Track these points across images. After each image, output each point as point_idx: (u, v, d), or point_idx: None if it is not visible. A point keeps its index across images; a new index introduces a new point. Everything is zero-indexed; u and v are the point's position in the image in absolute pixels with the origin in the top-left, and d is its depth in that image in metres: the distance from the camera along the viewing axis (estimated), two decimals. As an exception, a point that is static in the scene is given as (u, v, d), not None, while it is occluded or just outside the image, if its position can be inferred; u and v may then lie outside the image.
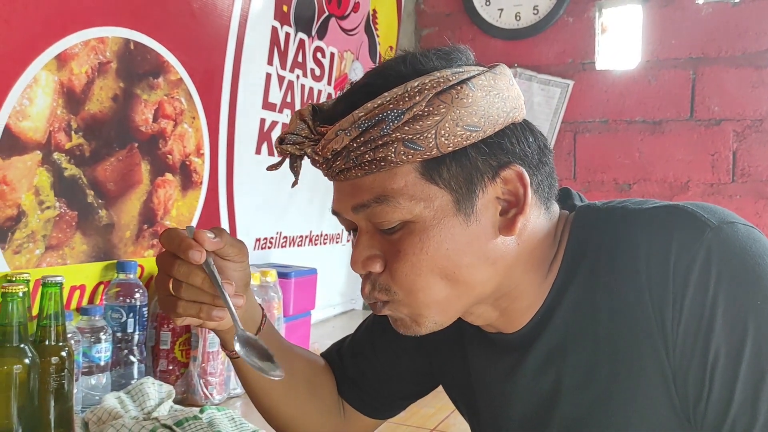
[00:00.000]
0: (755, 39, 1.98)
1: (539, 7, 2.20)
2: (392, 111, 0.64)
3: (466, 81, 0.66)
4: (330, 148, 0.66)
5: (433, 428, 1.22)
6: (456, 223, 0.67)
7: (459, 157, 0.66)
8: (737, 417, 0.62)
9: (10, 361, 0.95)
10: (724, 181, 2.03)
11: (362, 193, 0.67)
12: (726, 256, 0.63)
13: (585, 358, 0.70)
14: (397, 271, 0.68)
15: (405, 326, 0.73)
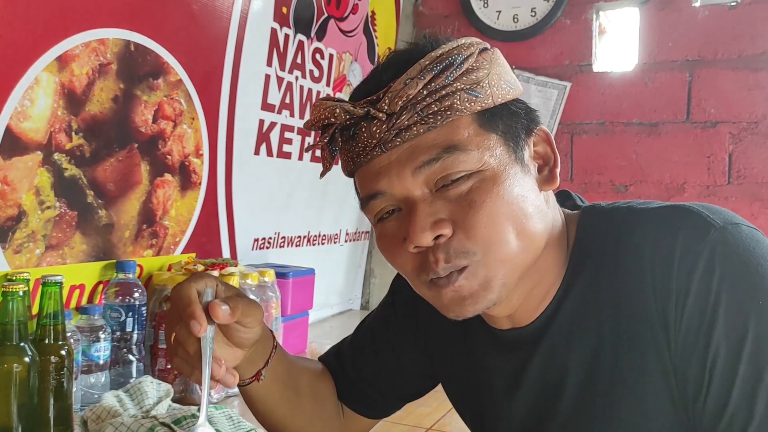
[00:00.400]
0: (751, 42, 1.98)
1: (537, 10, 2.20)
2: (457, 56, 0.67)
3: (493, 48, 0.73)
4: (402, 95, 0.66)
5: (429, 427, 1.23)
6: (518, 170, 0.69)
7: (507, 109, 0.71)
8: (735, 413, 0.63)
9: (10, 359, 0.95)
10: (720, 183, 2.03)
11: (427, 150, 0.67)
12: (729, 256, 0.64)
13: (589, 353, 0.71)
14: (474, 224, 0.66)
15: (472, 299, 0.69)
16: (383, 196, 0.70)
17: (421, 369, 0.95)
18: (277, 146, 1.84)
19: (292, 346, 1.67)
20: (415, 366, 0.94)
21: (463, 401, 0.90)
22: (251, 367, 0.80)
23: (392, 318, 0.96)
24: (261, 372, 0.82)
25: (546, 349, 0.74)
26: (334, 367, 0.98)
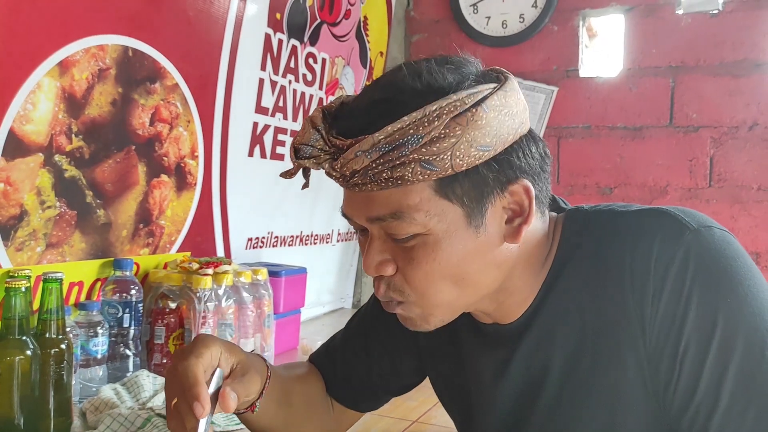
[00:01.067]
0: (732, 49, 2.02)
1: (525, 16, 2.24)
2: (412, 136, 0.65)
3: (480, 103, 0.67)
4: (350, 168, 0.68)
5: (415, 420, 1.26)
6: (467, 235, 0.70)
7: (471, 175, 0.68)
8: (701, 403, 0.67)
9: (12, 352, 0.98)
10: (702, 185, 2.07)
11: (377, 207, 0.70)
12: (702, 257, 0.68)
13: (570, 346, 0.75)
14: (410, 277, 0.72)
15: (413, 324, 0.76)
16: (352, 221, 0.75)
17: (409, 364, 0.97)
18: (270, 148, 1.86)
19: (283, 342, 1.69)
20: (404, 361, 0.97)
21: (451, 396, 0.92)
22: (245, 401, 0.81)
23: (382, 314, 0.96)
24: (255, 404, 0.83)
25: (529, 344, 0.78)
26: (325, 364, 1.01)
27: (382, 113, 0.67)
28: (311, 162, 0.71)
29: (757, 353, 0.66)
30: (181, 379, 0.70)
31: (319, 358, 1.03)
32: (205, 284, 1.36)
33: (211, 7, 1.56)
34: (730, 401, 0.66)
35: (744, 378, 0.66)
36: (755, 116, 2.01)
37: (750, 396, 0.66)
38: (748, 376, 0.66)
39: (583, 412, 0.75)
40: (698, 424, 0.68)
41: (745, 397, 0.66)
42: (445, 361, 0.91)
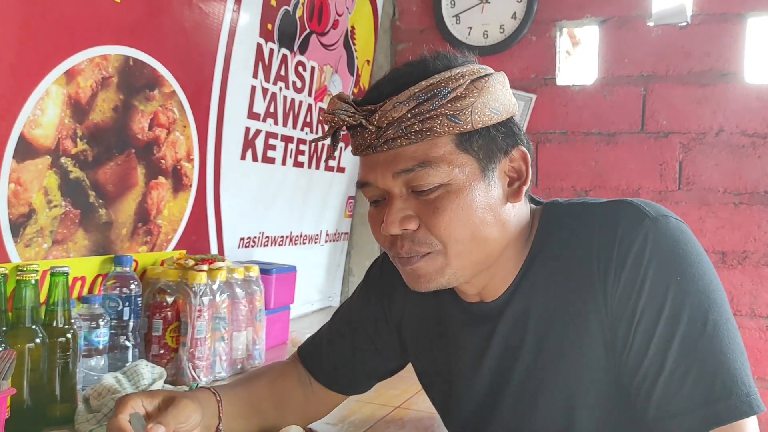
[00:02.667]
0: (700, 59, 2.08)
1: (505, 27, 2.28)
2: (443, 88, 0.76)
3: (490, 75, 0.80)
4: (388, 117, 0.76)
5: (397, 406, 1.31)
6: (482, 186, 0.80)
7: (485, 133, 0.79)
8: (650, 365, 0.76)
9: (23, 340, 1.02)
10: (671, 188, 2.13)
11: (406, 160, 0.78)
12: (658, 241, 0.78)
13: (543, 321, 0.84)
14: (436, 226, 0.79)
15: (427, 279, 0.81)
16: (371, 187, 0.83)
17: (392, 349, 1.04)
18: (261, 152, 1.88)
19: (274, 336, 1.73)
20: (386, 346, 1.04)
21: (433, 376, 0.99)
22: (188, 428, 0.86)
23: (366, 302, 1.05)
24: (219, 428, 0.90)
25: (508, 319, 0.86)
26: (311, 353, 1.07)
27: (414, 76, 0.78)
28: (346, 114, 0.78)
29: (699, 326, 0.74)
30: None
31: (306, 348, 1.09)
32: (200, 280, 1.38)
33: (206, 19, 1.59)
34: (674, 366, 0.75)
35: (686, 347, 0.74)
36: (721, 123, 2.07)
37: (691, 361, 0.74)
38: (690, 345, 0.74)
39: (554, 379, 0.83)
40: (646, 384, 0.76)
41: (686, 363, 0.74)
42: (427, 343, 0.98)
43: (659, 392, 0.75)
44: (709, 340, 0.74)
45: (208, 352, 1.40)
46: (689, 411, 0.73)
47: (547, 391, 0.84)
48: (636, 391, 0.78)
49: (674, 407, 0.74)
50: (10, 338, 1.01)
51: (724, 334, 0.74)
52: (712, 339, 0.74)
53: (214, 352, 1.43)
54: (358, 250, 2.57)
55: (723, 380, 0.72)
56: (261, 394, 1.01)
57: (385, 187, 0.81)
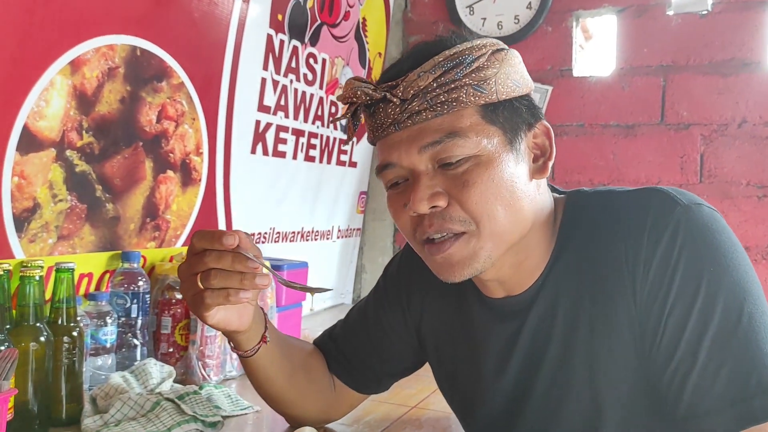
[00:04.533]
0: (721, 48, 2.05)
1: (520, 17, 2.26)
2: (467, 56, 0.75)
3: (508, 49, 0.80)
4: (414, 86, 0.75)
5: (413, 405, 1.28)
6: (511, 157, 0.78)
7: (509, 105, 0.78)
8: (681, 359, 0.73)
9: (27, 339, 1.00)
10: (692, 182, 2.10)
11: (432, 133, 0.76)
12: (690, 230, 0.74)
13: (570, 316, 0.81)
14: (467, 200, 0.76)
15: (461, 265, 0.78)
16: (394, 167, 0.80)
17: (409, 347, 1.01)
18: (272, 146, 1.87)
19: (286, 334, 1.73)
20: (404, 345, 1.01)
21: (454, 377, 0.96)
22: (256, 332, 0.88)
23: (384, 300, 1.03)
24: (265, 335, 0.89)
25: (536, 314, 0.83)
26: (328, 346, 1.05)
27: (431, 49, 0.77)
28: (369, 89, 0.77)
29: (734, 318, 0.71)
30: (200, 242, 0.77)
31: (322, 340, 1.07)
32: None
33: (215, 9, 1.58)
34: (707, 359, 0.71)
35: (720, 339, 0.71)
36: (744, 114, 2.04)
37: (724, 356, 0.71)
38: (724, 338, 0.71)
39: (582, 376, 0.80)
40: (677, 380, 0.73)
41: (720, 356, 0.71)
42: (449, 342, 0.95)
43: (691, 388, 0.72)
44: (744, 334, 0.71)
45: (219, 351, 1.39)
46: (723, 408, 0.70)
47: (574, 389, 0.81)
48: (666, 388, 0.75)
49: (707, 404, 0.71)
50: (13, 336, 0.99)
51: (760, 327, 0.71)
52: (747, 332, 0.71)
53: (225, 350, 1.41)
54: (370, 247, 2.56)
55: (759, 376, 0.70)
56: (295, 350, 1.00)
57: (410, 165, 0.78)
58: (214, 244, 0.77)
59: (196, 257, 0.78)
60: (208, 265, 0.77)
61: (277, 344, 0.94)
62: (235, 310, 0.83)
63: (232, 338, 0.89)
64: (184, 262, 0.80)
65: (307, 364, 1.01)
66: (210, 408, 1.13)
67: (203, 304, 0.78)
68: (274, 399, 0.99)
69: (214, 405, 1.16)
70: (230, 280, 0.77)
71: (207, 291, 0.77)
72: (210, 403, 1.15)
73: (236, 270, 0.77)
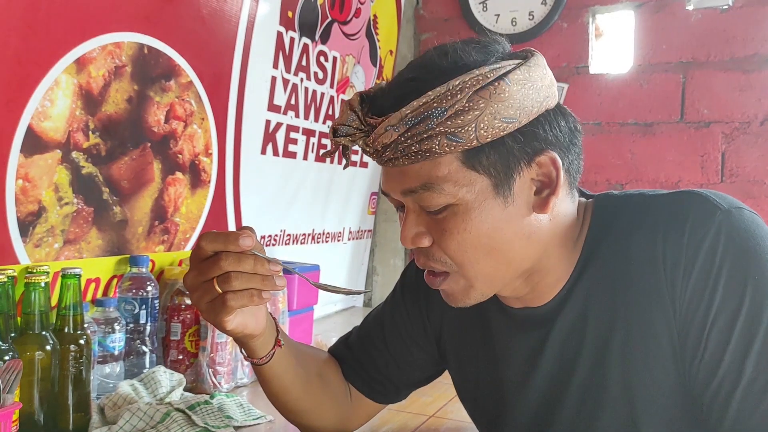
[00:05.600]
0: (742, 44, 2.01)
1: (534, 13, 2.24)
2: (436, 109, 0.69)
3: (502, 77, 0.69)
4: (380, 142, 0.72)
5: (431, 414, 1.27)
6: (495, 204, 0.73)
7: (497, 146, 0.71)
8: (725, 376, 0.69)
9: (32, 347, 0.98)
10: (714, 181, 2.07)
11: (410, 180, 0.73)
12: (732, 236, 0.70)
13: (603, 325, 0.77)
14: (446, 247, 0.74)
15: (456, 299, 0.79)
16: (389, 196, 0.79)
17: (428, 356, 0.98)
18: (282, 146, 1.86)
19: (297, 339, 1.63)
20: (423, 353, 0.98)
21: (477, 388, 0.93)
22: (270, 336, 0.85)
23: (402, 306, 1.00)
24: (279, 338, 0.86)
25: (564, 326, 0.79)
26: (344, 354, 1.02)
27: (410, 91, 0.71)
28: (347, 140, 0.75)
29: None
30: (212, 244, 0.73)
31: (338, 348, 1.04)
32: None
33: (224, 5, 1.56)
34: (753, 375, 0.68)
35: (767, 354, 0.67)
36: (766, 111, 2.00)
37: None
38: None
39: (617, 391, 0.76)
40: (721, 396, 0.69)
41: (767, 373, 0.67)
42: (471, 352, 0.92)
43: (736, 406, 0.69)
44: None
45: (229, 357, 1.37)
46: None
47: (608, 405, 0.77)
48: (709, 405, 0.71)
49: (753, 423, 0.68)
50: (18, 345, 0.97)
51: None
52: None
53: (236, 357, 1.39)
54: (381, 248, 2.53)
55: None
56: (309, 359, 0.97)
57: (399, 200, 0.78)
58: (229, 246, 0.72)
59: (209, 262, 0.73)
60: (226, 269, 0.72)
61: (290, 351, 0.91)
62: (251, 312, 0.79)
63: (246, 345, 0.85)
64: (193, 270, 0.75)
65: (322, 372, 0.98)
66: (221, 418, 1.11)
67: (225, 308, 0.74)
68: (290, 409, 0.96)
69: (226, 415, 1.13)
70: (252, 281, 0.73)
71: (229, 293, 0.73)
72: (221, 414, 1.13)
73: (258, 273, 0.73)
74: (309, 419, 0.97)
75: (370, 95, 0.76)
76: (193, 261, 0.75)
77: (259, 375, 0.90)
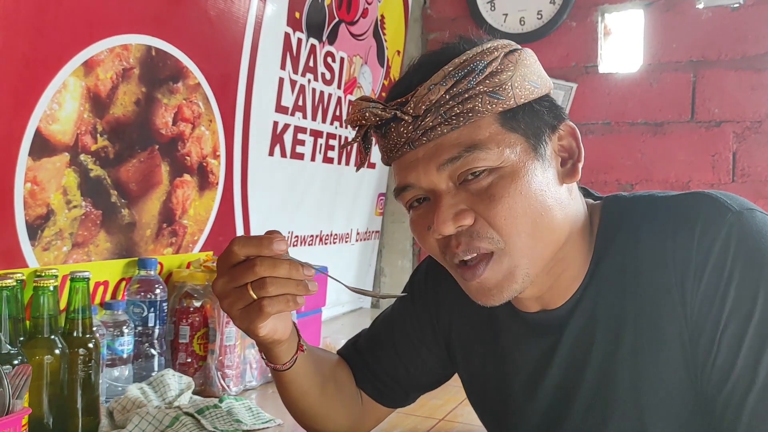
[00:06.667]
0: (754, 42, 1.99)
1: (543, 12, 2.22)
2: (478, 63, 0.71)
3: (521, 48, 0.75)
4: (425, 101, 0.71)
5: (441, 418, 1.26)
6: (537, 165, 0.73)
7: (529, 109, 0.73)
8: (738, 380, 0.68)
9: (41, 351, 0.98)
10: (725, 181, 2.05)
11: (450, 149, 0.71)
12: (744, 237, 0.69)
13: (613, 328, 0.76)
14: (495, 216, 0.71)
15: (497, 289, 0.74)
16: (413, 188, 0.75)
17: (438, 360, 0.97)
18: (290, 147, 1.86)
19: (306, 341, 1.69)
20: (433, 357, 0.97)
21: (486, 393, 0.92)
22: (293, 341, 0.84)
23: (411, 310, 0.99)
24: (301, 344, 0.85)
25: (574, 330, 0.78)
26: (353, 357, 1.01)
27: (440, 59, 0.72)
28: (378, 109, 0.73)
29: None
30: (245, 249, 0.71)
31: (347, 351, 1.03)
32: None
33: (232, 7, 1.56)
34: (766, 380, 0.66)
35: None
36: (779, 110, 1.99)
37: None
38: None
39: (626, 396, 0.75)
40: (734, 402, 0.68)
41: None
42: (480, 355, 0.91)
43: (749, 411, 0.67)
44: None
45: (238, 360, 1.37)
46: None
47: (618, 410, 0.76)
48: (722, 410, 0.70)
49: (766, 428, 0.66)
50: (27, 349, 0.97)
51: None
52: None
53: (244, 359, 1.39)
54: (389, 249, 2.52)
55: None
56: (325, 362, 0.96)
57: (429, 185, 0.74)
58: (262, 251, 0.71)
59: (242, 267, 0.71)
60: (261, 274, 0.70)
61: (310, 356, 0.90)
62: (280, 317, 0.77)
63: (271, 350, 0.83)
64: (223, 276, 0.73)
65: (335, 374, 0.97)
66: (231, 422, 1.11)
67: (261, 315, 0.72)
68: (307, 414, 0.95)
69: (235, 419, 1.13)
70: (287, 286, 0.71)
71: (265, 299, 0.71)
72: (230, 417, 1.12)
73: (293, 278, 0.71)
74: (324, 424, 0.96)
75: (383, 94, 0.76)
76: (223, 266, 0.73)
77: (279, 381, 0.89)
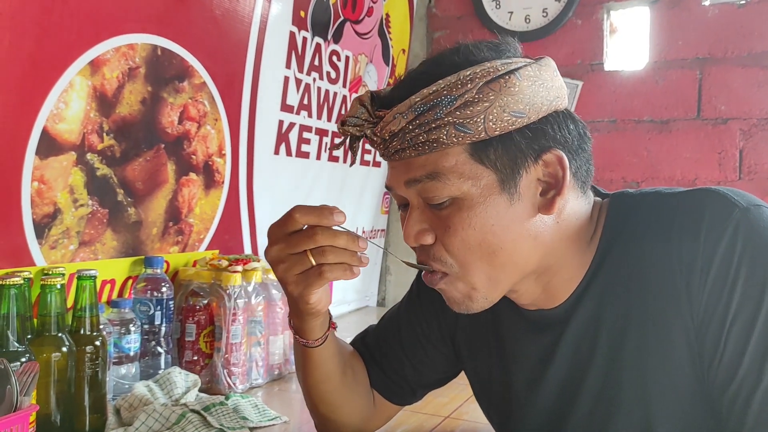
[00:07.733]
0: (761, 39, 1.98)
1: (548, 10, 2.22)
2: (445, 97, 0.69)
3: (513, 71, 0.70)
4: (388, 130, 0.71)
5: (447, 416, 1.25)
6: (500, 201, 0.72)
7: (505, 141, 0.71)
8: (745, 377, 0.67)
9: (48, 349, 0.98)
10: (731, 178, 2.04)
11: (415, 170, 0.72)
12: (751, 234, 0.68)
13: (617, 326, 0.75)
14: (449, 244, 0.73)
15: (458, 303, 0.77)
16: (393, 191, 0.78)
17: (444, 357, 0.97)
18: (295, 146, 1.86)
19: None
20: (439, 354, 0.97)
21: (491, 389, 0.92)
22: (326, 319, 0.86)
23: (417, 307, 0.99)
24: (333, 322, 0.87)
25: (577, 327, 0.78)
26: (361, 351, 1.01)
27: (420, 82, 0.71)
28: (355, 129, 0.74)
29: None
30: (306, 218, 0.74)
31: (355, 345, 1.03)
32: (234, 281, 1.35)
33: (237, 6, 1.56)
34: None
35: None
36: (786, 107, 1.97)
37: None
38: None
39: (631, 394, 0.75)
40: (740, 400, 0.68)
41: None
42: (484, 351, 0.91)
43: (756, 409, 0.67)
44: None
45: (244, 358, 1.37)
46: None
47: (623, 408, 0.76)
48: (728, 408, 0.69)
49: None
50: (34, 347, 0.97)
51: None
52: None
53: (250, 357, 1.39)
54: (395, 247, 2.53)
55: None
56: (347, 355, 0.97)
57: (402, 195, 0.76)
58: (323, 221, 0.74)
59: (301, 235, 0.74)
60: (321, 243, 0.73)
61: (335, 337, 0.92)
62: (324, 290, 0.80)
63: (308, 323, 0.84)
64: (279, 242, 0.75)
65: (353, 363, 0.98)
66: (237, 419, 1.11)
67: (320, 279, 0.74)
68: (325, 401, 0.95)
69: (241, 416, 1.13)
70: (344, 256, 0.74)
71: (325, 266, 0.74)
72: (237, 415, 1.13)
73: (350, 249, 0.74)
74: (339, 414, 0.96)
75: (380, 93, 0.76)
76: (279, 233, 0.76)
77: (307, 360, 0.89)
